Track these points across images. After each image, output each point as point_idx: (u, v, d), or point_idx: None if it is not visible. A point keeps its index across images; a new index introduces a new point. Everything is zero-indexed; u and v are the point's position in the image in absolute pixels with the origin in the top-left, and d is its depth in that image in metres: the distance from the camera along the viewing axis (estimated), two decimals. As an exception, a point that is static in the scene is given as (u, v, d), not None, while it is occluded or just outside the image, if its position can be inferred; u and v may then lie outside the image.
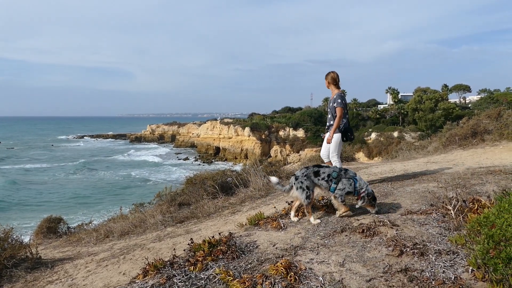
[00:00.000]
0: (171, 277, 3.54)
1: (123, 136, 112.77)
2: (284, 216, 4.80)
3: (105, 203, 31.77)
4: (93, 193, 36.85)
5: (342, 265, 3.24)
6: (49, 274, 4.99)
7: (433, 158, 9.38)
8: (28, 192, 37.15)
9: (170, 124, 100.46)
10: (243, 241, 4.09)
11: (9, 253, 5.33)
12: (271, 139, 61.22)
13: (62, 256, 5.93)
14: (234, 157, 61.51)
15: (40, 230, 8.64)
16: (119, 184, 42.40)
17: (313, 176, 4.45)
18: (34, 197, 35.14)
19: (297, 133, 61.03)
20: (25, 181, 42.49)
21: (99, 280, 4.19)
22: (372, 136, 52.99)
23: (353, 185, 4.36)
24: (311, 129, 61.39)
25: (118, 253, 5.13)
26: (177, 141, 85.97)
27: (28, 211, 28.74)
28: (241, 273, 3.33)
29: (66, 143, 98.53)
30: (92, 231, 7.57)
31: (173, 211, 7.28)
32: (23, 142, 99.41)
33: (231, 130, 64.26)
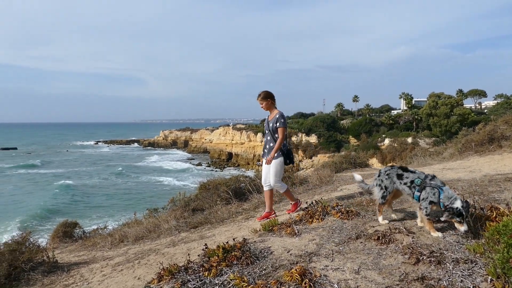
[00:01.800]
0: (186, 282, 3.55)
1: (136, 141, 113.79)
2: (298, 222, 4.79)
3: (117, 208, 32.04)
4: (108, 198, 37.26)
5: (358, 273, 3.22)
6: (65, 277, 5.04)
7: (449, 165, 9.27)
8: (93, 196, 37.64)
9: (183, 130, 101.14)
10: (257, 247, 4.09)
11: (27, 256, 5.41)
12: (283, 144, 61.16)
13: (77, 260, 5.99)
14: (247, 162, 61.59)
15: (56, 234, 8.74)
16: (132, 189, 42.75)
17: (395, 178, 4.17)
18: (103, 200, 35.60)
19: (309, 138, 60.87)
20: (76, 185, 43.03)
21: (115, 284, 4.22)
22: (386, 142, 52.59)
23: (437, 195, 3.84)
24: (324, 135, 61.21)
25: (133, 258, 5.17)
26: (190, 147, 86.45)
27: (116, 214, 28.91)
28: (255, 279, 3.33)
29: (81, 149, 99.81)
30: (107, 235, 7.64)
31: (187, 217, 7.31)
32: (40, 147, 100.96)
33: (243, 135, 64.39)
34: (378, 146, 50.96)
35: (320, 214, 4.84)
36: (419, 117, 60.82)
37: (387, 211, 4.42)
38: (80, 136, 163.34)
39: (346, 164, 11.05)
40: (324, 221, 4.69)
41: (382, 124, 63.56)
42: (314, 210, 4.96)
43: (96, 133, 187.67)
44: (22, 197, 36.97)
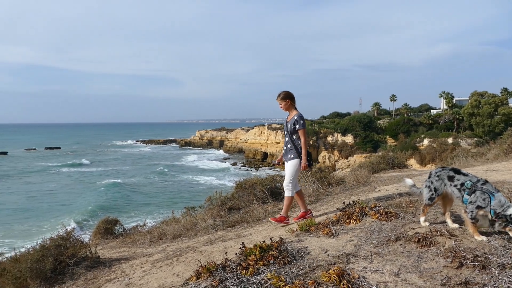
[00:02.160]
0: (224, 280, 3.59)
1: (173, 141, 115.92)
2: (335, 222, 4.75)
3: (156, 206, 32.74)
4: (150, 196, 38.14)
5: (397, 275, 3.15)
6: (107, 273, 5.22)
7: (493, 166, 8.92)
8: (138, 194, 38.88)
9: (219, 129, 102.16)
10: (294, 247, 4.08)
11: (71, 252, 5.63)
12: (319, 144, 60.66)
13: (118, 256, 6.18)
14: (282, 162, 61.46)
15: (98, 231, 9.05)
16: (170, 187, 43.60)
17: (446, 180, 4.01)
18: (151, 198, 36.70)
19: (345, 138, 60.09)
20: (123, 183, 44.56)
21: (154, 280, 4.32)
22: (425, 142, 51.13)
23: (487, 200, 3.66)
24: (360, 135, 60.26)
25: (172, 255, 5.28)
26: (225, 147, 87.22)
27: (153, 212, 29.74)
28: (292, 279, 3.33)
29: (120, 148, 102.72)
30: (146, 233, 7.84)
31: (224, 215, 7.39)
32: (82, 147, 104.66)
33: (278, 135, 64.31)
34: (417, 146, 49.61)
35: (357, 215, 4.78)
36: (461, 116, 58.79)
37: (445, 218, 4.21)
38: (120, 135, 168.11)
39: (384, 164, 10.83)
40: (362, 222, 4.63)
41: (421, 124, 61.86)
42: (352, 211, 4.90)
43: (134, 133, 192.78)
44: (74, 195, 38.33)
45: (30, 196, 37.58)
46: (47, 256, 5.50)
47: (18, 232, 24.44)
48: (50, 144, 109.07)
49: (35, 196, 37.63)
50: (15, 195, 38.45)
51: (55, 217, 27.17)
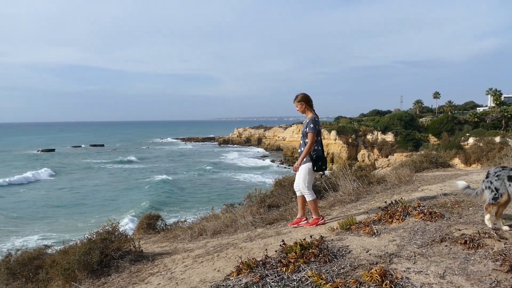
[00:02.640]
0: (264, 277, 3.61)
1: (212, 139, 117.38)
2: (377, 222, 4.67)
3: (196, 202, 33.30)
4: (196, 193, 38.93)
5: (443, 277, 3.07)
6: (150, 266, 5.37)
7: (544, 166, 8.47)
8: (186, 190, 39.94)
9: (257, 127, 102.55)
10: (334, 245, 4.05)
11: (116, 245, 5.83)
12: (358, 143, 59.70)
13: (161, 251, 6.35)
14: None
15: (141, 226, 9.33)
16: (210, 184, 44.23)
17: (506, 180, 3.86)
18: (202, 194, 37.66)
19: (386, 137, 58.81)
20: (172, 180, 45.82)
21: (196, 275, 4.41)
22: (470, 141, 49.19)
23: None
24: (401, 133, 58.79)
25: (212, 251, 5.36)
26: (263, 144, 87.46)
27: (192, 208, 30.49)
28: (333, 277, 3.31)
29: (161, 146, 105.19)
30: (187, 228, 7.99)
31: (263, 213, 7.42)
32: (124, 144, 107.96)
33: (317, 133, 63.80)
34: (461, 145, 47.81)
35: (400, 215, 4.68)
36: (509, 114, 56.14)
37: (496, 219, 4.02)
38: (159, 133, 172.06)
39: (427, 163, 10.51)
40: (405, 222, 4.53)
41: (466, 122, 59.55)
42: (394, 210, 4.81)
43: (174, 131, 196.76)
44: (125, 191, 39.57)
45: (80, 192, 39.04)
46: (93, 249, 5.72)
47: (70, 227, 25.27)
48: (94, 141, 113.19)
49: (85, 192, 39.07)
50: (65, 191, 40.04)
51: (107, 212, 27.93)
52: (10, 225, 25.72)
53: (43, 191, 39.74)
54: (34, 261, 6.92)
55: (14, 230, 24.58)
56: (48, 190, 39.99)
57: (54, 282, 5.71)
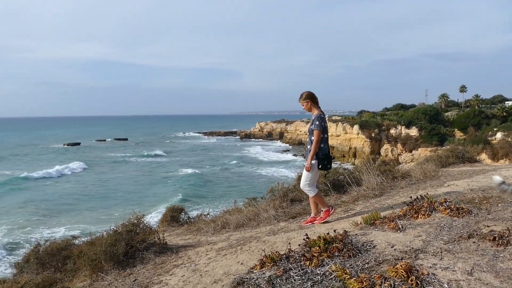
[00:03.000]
0: (288, 270, 3.62)
1: (234, 133, 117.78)
2: (402, 217, 4.61)
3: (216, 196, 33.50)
4: (221, 186, 39.19)
5: (470, 274, 3.01)
6: (174, 258, 5.44)
7: None
8: (213, 184, 40.13)
9: (278, 121, 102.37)
10: (359, 240, 4.02)
11: (141, 237, 5.93)
12: (381, 137, 58.89)
13: (184, 243, 6.42)
14: (342, 155, 60.45)
15: (165, 218, 9.47)
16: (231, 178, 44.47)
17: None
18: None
19: (410, 131, 57.81)
20: (201, 173, 46.29)
21: (219, 267, 4.45)
22: (498, 136, 47.84)
23: None
24: (425, 128, 57.67)
25: (235, 244, 5.39)
26: (285, 138, 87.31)
27: (214, 201, 30.79)
28: (358, 272, 3.29)
29: (183, 140, 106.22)
30: (210, 221, 8.06)
31: (285, 207, 7.43)
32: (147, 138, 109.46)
33: (339, 127, 63.25)
34: (489, 140, 46.52)
35: (426, 210, 4.61)
36: (539, 108, 54.40)
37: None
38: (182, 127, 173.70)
39: (453, 158, 10.30)
40: (431, 218, 4.46)
41: (494, 117, 57.91)
42: (420, 206, 4.74)
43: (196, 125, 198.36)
44: (156, 185, 39.81)
45: (108, 185, 39.49)
46: (119, 241, 5.83)
47: (97, 219, 25.42)
48: (118, 135, 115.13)
49: (113, 185, 39.47)
50: (94, 184, 40.49)
51: (136, 205, 27.94)
52: (39, 216, 26.43)
53: (74, 184, 40.47)
54: (62, 252, 7.11)
55: (43, 221, 25.28)
56: (78, 183, 40.65)
57: (81, 272, 5.86)
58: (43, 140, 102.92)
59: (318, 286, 3.20)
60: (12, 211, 27.56)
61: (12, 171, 47.13)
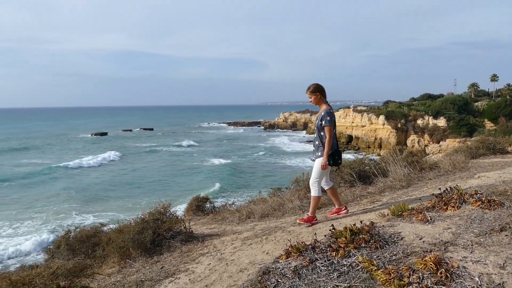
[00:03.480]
0: (314, 261, 3.61)
1: (258, 123, 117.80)
2: (430, 209, 4.52)
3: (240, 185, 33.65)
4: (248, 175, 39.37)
5: (503, 268, 2.93)
6: (200, 247, 5.51)
7: None
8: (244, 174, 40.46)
9: (303, 112, 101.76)
10: (386, 231, 3.97)
11: (167, 225, 6.02)
12: (407, 128, 57.81)
13: (210, 232, 6.49)
14: (367, 146, 59.71)
15: (190, 208, 9.59)
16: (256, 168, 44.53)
17: None
18: None
19: (437, 122, 56.54)
20: (233, 164, 46.70)
21: (245, 256, 4.48)
22: (531, 126, 46.34)
23: None
24: (454, 118, 56.27)
25: (260, 234, 5.41)
26: (309, 129, 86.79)
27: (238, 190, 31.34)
28: (385, 264, 3.25)
29: (208, 130, 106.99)
30: (235, 211, 8.12)
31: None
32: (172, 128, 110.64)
33: (364, 118, 62.39)
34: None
35: (456, 202, 4.50)
36: None
37: None
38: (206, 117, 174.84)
39: (484, 149, 10.01)
40: (461, 210, 4.35)
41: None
42: (449, 197, 4.63)
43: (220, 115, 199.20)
44: (191, 175, 40.00)
45: (139, 174, 39.85)
46: (146, 229, 5.94)
47: (128, 208, 25.59)
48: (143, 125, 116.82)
49: (144, 174, 39.82)
50: (125, 173, 41.04)
51: (169, 195, 27.75)
52: (75, 203, 27.09)
53: (108, 172, 40.95)
54: (91, 239, 7.31)
55: (77, 208, 25.89)
56: (113, 172, 41.09)
57: (110, 259, 6.01)
58: (73, 130, 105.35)
59: (345, 277, 3.19)
60: (49, 199, 28.40)
61: (48, 160, 48.53)
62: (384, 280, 3.00)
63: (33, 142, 70.50)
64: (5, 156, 52.90)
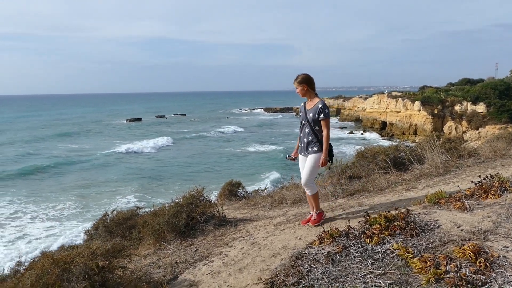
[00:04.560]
0: (347, 247, 3.59)
1: (290, 109, 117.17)
2: (469, 196, 4.39)
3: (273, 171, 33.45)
4: None
5: (546, 258, 2.82)
6: (233, 231, 5.57)
7: None
8: None
9: (335, 98, 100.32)
10: (422, 219, 3.89)
11: (201, 209, 6.12)
12: (444, 114, 56.03)
13: (242, 217, 6.55)
14: (402, 132, 58.36)
15: (223, 192, 9.69)
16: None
17: None
18: None
19: (476, 108, 54.50)
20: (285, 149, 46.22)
21: (278, 241, 4.50)
22: None
23: None
24: (494, 104, 54.03)
25: (293, 219, 5.42)
26: (342, 115, 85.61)
27: None
28: (421, 252, 3.20)
29: (240, 116, 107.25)
30: (267, 196, 8.15)
31: (344, 184, 7.32)
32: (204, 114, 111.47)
33: (399, 104, 60.86)
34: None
35: (496, 190, 4.35)
36: None
37: None
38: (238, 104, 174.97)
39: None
40: (502, 198, 4.20)
41: None
42: (489, 185, 4.48)
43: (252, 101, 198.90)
44: (244, 161, 39.29)
45: (183, 160, 39.51)
46: (180, 213, 6.06)
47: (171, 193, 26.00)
48: (176, 111, 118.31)
49: (187, 160, 39.44)
50: (170, 159, 41.09)
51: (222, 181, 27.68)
52: (113, 187, 27.67)
53: (163, 157, 40.84)
54: (127, 221, 7.52)
55: (116, 191, 26.44)
56: (166, 157, 41.03)
57: (146, 241, 6.17)
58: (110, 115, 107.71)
59: (379, 264, 3.16)
60: (105, 183, 28.78)
61: (99, 145, 49.23)
62: (420, 268, 2.95)
63: (81, 128, 72.27)
64: (56, 140, 54.15)
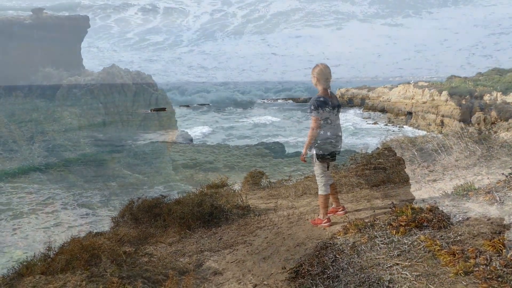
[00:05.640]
0: (373, 238, 3.56)
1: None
2: (500, 189, 4.28)
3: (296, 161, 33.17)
4: None
5: None
6: (257, 220, 5.60)
7: None
8: None
9: (360, 88, 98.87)
10: (450, 211, 3.82)
11: (225, 199, 6.18)
12: (472, 104, 54.50)
13: (266, 207, 6.56)
14: (428, 123, 57.22)
15: (247, 182, 9.72)
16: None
17: None
18: None
19: (507, 98, 52.75)
20: None
21: (302, 231, 4.50)
22: None
23: None
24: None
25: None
26: (367, 105, 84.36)
27: None
28: (449, 244, 3.14)
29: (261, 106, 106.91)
30: (291, 187, 8.13)
31: (368, 174, 7.24)
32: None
33: (425, 94, 59.58)
34: None
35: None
36: None
37: None
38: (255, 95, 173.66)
39: (560, 127, 9.26)
40: (534, 191, 4.09)
41: None
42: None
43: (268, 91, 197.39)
44: None
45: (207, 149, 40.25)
46: (205, 201, 6.13)
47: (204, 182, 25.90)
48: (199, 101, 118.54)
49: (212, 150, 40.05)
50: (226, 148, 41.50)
51: None
52: (143, 176, 27.97)
53: (206, 147, 41.59)
54: (153, 209, 7.64)
55: (144, 181, 26.74)
56: (210, 146, 41.43)
57: (171, 228, 6.26)
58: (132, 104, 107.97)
59: (406, 256, 3.12)
60: (125, 175, 29.26)
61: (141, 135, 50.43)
62: (448, 261, 2.90)
63: (115, 117, 72.68)
64: (98, 130, 54.99)
